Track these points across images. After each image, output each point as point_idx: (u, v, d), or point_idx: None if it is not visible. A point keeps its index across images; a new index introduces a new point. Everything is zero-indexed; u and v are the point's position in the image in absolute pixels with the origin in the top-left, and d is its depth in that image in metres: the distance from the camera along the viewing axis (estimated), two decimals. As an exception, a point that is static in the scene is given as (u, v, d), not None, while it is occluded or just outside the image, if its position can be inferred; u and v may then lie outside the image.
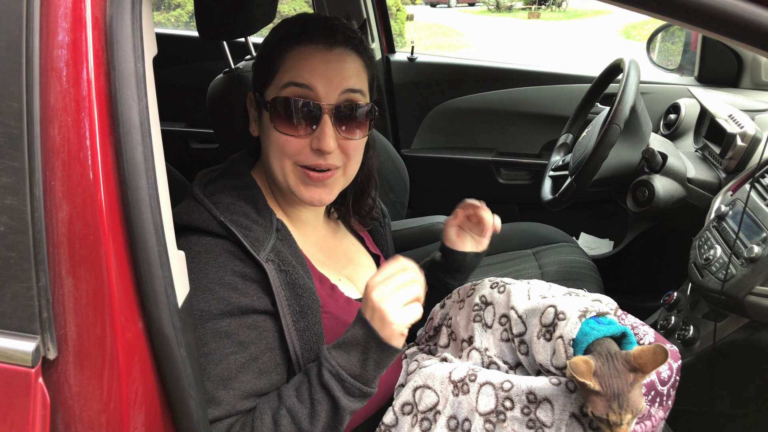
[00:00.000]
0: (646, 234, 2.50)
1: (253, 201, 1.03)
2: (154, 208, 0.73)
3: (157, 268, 0.73)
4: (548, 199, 1.95)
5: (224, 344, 0.92)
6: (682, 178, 1.77)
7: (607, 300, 1.18)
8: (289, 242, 1.03)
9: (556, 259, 2.03)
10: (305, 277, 1.00)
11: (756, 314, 1.37)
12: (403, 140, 2.74)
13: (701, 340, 1.55)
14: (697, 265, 1.56)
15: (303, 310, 0.98)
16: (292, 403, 0.93)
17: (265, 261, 0.95)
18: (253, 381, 0.94)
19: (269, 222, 1.02)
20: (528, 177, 2.63)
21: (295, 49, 1.01)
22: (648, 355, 0.91)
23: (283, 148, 1.01)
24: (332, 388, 0.92)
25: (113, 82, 0.70)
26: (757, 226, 1.43)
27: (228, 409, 0.91)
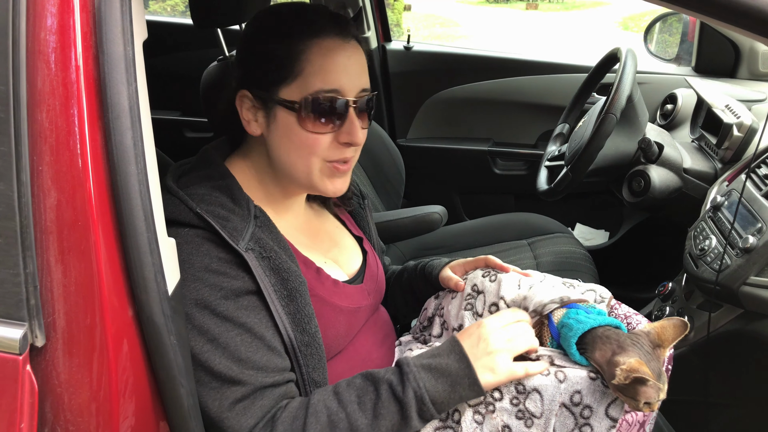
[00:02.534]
0: (642, 225, 2.50)
1: (228, 191, 1.02)
2: (144, 194, 0.72)
3: (146, 255, 0.73)
4: (544, 190, 1.95)
5: (227, 327, 0.91)
6: (678, 169, 1.76)
7: (601, 290, 1.18)
8: (270, 228, 1.02)
9: (552, 250, 2.03)
10: (289, 261, 1.00)
11: (750, 305, 1.37)
12: (399, 130, 2.73)
13: (695, 330, 1.55)
14: (692, 255, 1.56)
15: (291, 293, 0.98)
16: (353, 410, 0.92)
17: (245, 250, 0.94)
18: (266, 358, 0.94)
19: (246, 210, 1.01)
20: (524, 167, 2.63)
21: (314, 43, 0.98)
22: (669, 329, 0.92)
23: (312, 147, 1.00)
24: (410, 407, 0.92)
25: (102, 66, 0.69)
26: (753, 216, 1.43)
27: (253, 384, 0.91)
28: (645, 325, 1.02)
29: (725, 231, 1.48)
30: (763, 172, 1.52)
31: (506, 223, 2.20)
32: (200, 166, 1.06)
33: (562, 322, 1.04)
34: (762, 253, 1.34)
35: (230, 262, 0.94)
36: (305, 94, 0.97)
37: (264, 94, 1.01)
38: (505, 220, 2.21)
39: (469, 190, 2.76)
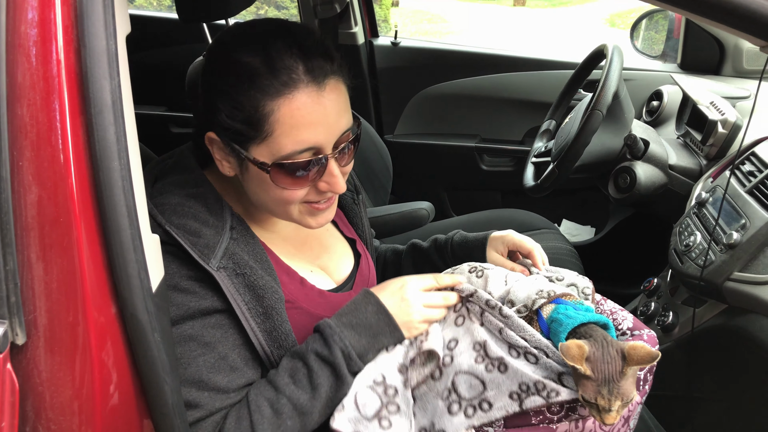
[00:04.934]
0: (627, 221, 2.52)
1: (203, 200, 0.97)
2: (127, 190, 0.71)
3: (130, 252, 0.72)
4: (530, 186, 1.95)
5: (190, 347, 0.90)
6: (664, 165, 1.77)
7: (584, 283, 1.19)
8: (246, 240, 0.98)
9: (538, 246, 2.03)
10: (266, 276, 0.96)
11: (734, 300, 1.38)
12: (386, 126, 2.72)
13: (680, 326, 1.56)
14: (678, 251, 1.57)
15: (266, 311, 0.95)
16: (291, 390, 0.92)
17: (216, 269, 0.91)
18: (227, 379, 0.92)
19: (222, 221, 0.97)
20: (511, 164, 2.63)
21: (283, 102, 0.88)
22: (642, 352, 0.91)
23: (288, 200, 0.97)
24: (340, 365, 0.93)
25: (84, 60, 0.68)
26: (737, 212, 1.44)
27: (208, 408, 0.90)
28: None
29: (710, 227, 1.49)
30: (747, 168, 1.54)
31: (493, 219, 2.20)
32: (176, 169, 1.02)
33: (551, 317, 1.04)
34: (746, 249, 1.35)
35: (200, 280, 0.92)
36: (277, 157, 0.91)
37: (234, 146, 0.93)
38: (492, 216, 2.22)
39: (456, 186, 2.76)
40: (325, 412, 0.95)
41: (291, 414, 0.91)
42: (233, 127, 0.91)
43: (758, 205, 1.39)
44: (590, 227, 2.72)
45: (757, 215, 1.37)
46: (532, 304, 1.08)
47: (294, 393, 0.92)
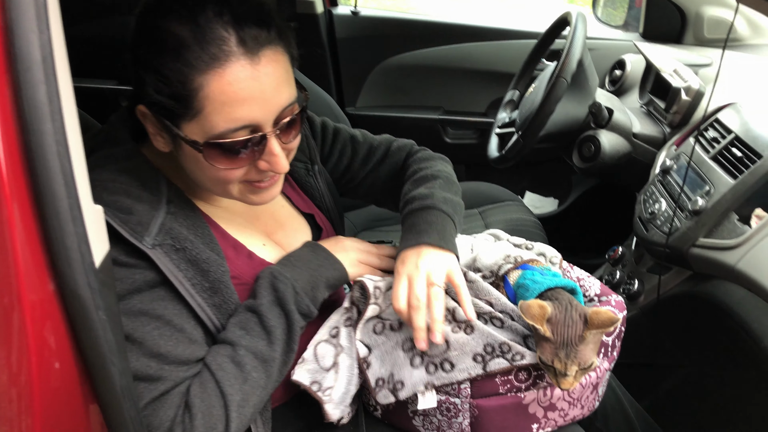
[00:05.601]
0: (590, 192, 2.53)
1: (136, 173, 0.90)
2: (63, 155, 0.65)
3: (68, 223, 0.65)
4: (495, 157, 1.92)
5: (142, 322, 0.84)
6: (628, 133, 1.76)
7: (551, 252, 1.17)
8: (186, 214, 0.92)
9: (503, 218, 2.02)
10: (207, 250, 0.91)
11: (699, 266, 1.38)
12: (348, 98, 2.65)
13: (645, 293, 1.56)
14: (642, 219, 1.57)
15: (213, 285, 0.90)
16: (247, 341, 0.90)
17: (151, 246, 0.85)
18: (188, 351, 0.88)
19: (157, 195, 0.90)
20: (474, 136, 2.60)
21: (213, 77, 0.80)
22: (603, 317, 0.89)
23: (224, 179, 0.90)
24: (288, 301, 0.93)
25: (7, 11, 0.61)
26: (701, 179, 1.43)
27: (173, 379, 0.85)
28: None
29: (674, 194, 1.49)
30: (710, 135, 1.53)
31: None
32: (107, 142, 0.94)
33: (518, 282, 1.02)
34: (710, 215, 1.34)
35: (140, 253, 0.86)
36: (209, 135, 0.84)
37: (165, 122, 0.85)
38: (457, 189, 2.19)
39: (419, 159, 2.68)
40: (286, 360, 0.94)
41: (254, 364, 0.89)
42: (161, 102, 0.83)
43: (722, 171, 1.39)
44: (553, 199, 2.71)
45: (721, 181, 1.37)
46: (498, 269, 1.05)
47: (251, 342, 0.90)
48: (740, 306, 1.22)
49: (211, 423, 0.85)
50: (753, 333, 1.16)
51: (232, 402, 0.86)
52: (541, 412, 1.00)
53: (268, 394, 0.92)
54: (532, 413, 1.00)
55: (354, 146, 1.26)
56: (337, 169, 1.27)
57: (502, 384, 0.98)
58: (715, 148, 1.47)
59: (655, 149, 1.76)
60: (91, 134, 0.98)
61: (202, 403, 0.85)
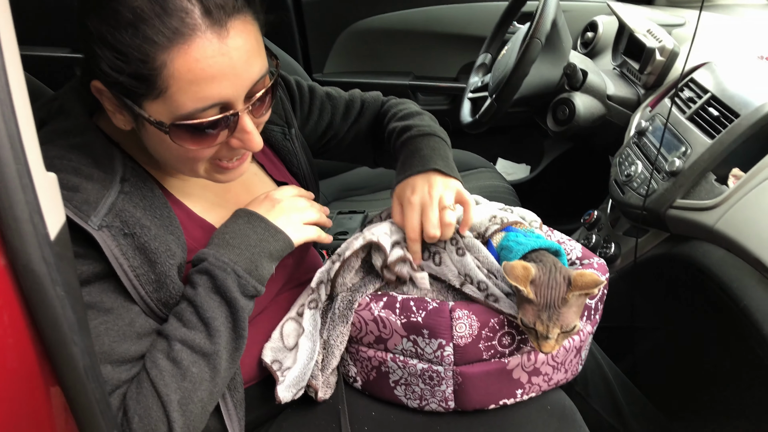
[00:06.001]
0: (562, 157, 2.51)
1: (88, 150, 0.82)
2: (8, 118, 0.58)
3: (17, 192, 0.59)
4: (468, 122, 1.88)
5: (89, 316, 0.77)
6: (602, 96, 1.74)
7: (531, 216, 1.14)
8: (142, 194, 0.84)
9: (476, 185, 1.99)
10: (163, 235, 0.83)
11: (676, 228, 1.37)
12: (315, 64, 2.57)
13: (622, 257, 1.55)
14: (618, 182, 1.55)
15: (159, 278, 0.82)
16: (183, 333, 0.82)
17: (97, 228, 0.77)
18: (134, 347, 0.81)
19: (110, 173, 0.82)
20: (446, 102, 2.56)
21: (177, 52, 0.73)
22: (587, 279, 0.87)
23: (193, 159, 0.83)
24: (229, 289, 0.84)
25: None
26: (678, 139, 1.42)
27: (113, 382, 0.79)
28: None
29: (651, 156, 1.47)
30: (686, 95, 1.51)
31: (429, 159, 2.13)
32: (59, 115, 0.86)
33: (501, 244, 0.99)
34: (688, 176, 1.33)
35: (88, 240, 0.78)
36: (176, 116, 0.77)
37: (126, 100, 0.78)
38: (429, 156, 2.15)
39: (390, 126, 2.63)
40: (236, 347, 0.86)
41: (192, 359, 0.81)
42: (120, 81, 0.75)
43: (699, 131, 1.37)
44: (525, 165, 2.69)
45: (698, 141, 1.35)
46: (485, 230, 1.02)
47: (186, 336, 0.82)
48: (719, 266, 1.21)
49: (151, 425, 0.78)
50: (732, 293, 1.15)
51: (170, 402, 0.79)
52: (525, 377, 0.98)
53: (221, 385, 0.85)
54: (516, 378, 0.98)
55: (332, 102, 1.22)
56: (318, 128, 1.22)
57: (485, 350, 0.95)
58: (691, 108, 1.45)
59: (630, 111, 1.74)
60: (42, 102, 0.90)
61: (138, 406, 0.78)
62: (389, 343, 0.98)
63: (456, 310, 0.93)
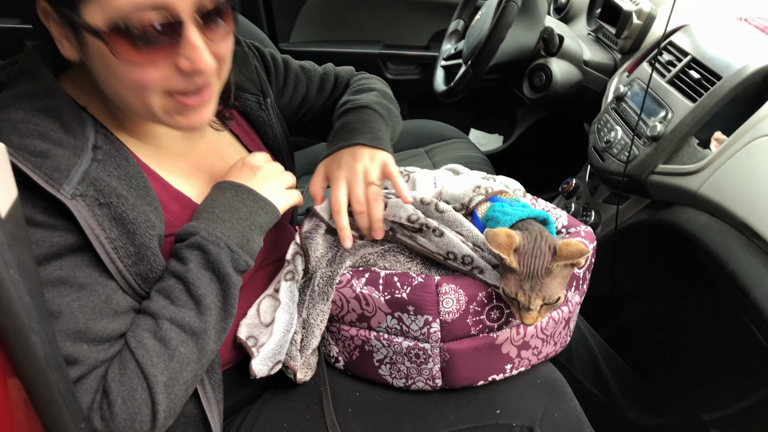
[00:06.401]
0: (536, 126, 2.48)
1: (55, 114, 0.76)
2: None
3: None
4: (442, 90, 1.83)
5: (61, 292, 0.71)
6: (579, 61, 1.70)
7: (515, 185, 1.10)
8: (117, 162, 0.79)
9: (450, 156, 1.95)
10: (141, 206, 0.78)
11: (658, 194, 1.34)
12: (281, 33, 2.48)
13: (603, 225, 1.53)
14: (598, 148, 1.52)
15: (139, 251, 0.77)
16: (171, 311, 0.77)
17: (70, 197, 0.71)
18: (111, 326, 0.75)
19: (81, 140, 0.76)
20: (417, 71, 2.49)
21: None
22: (572, 249, 0.83)
23: (140, 82, 0.74)
24: (221, 264, 0.80)
25: None
26: (658, 104, 1.39)
27: (90, 363, 0.72)
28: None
29: (631, 121, 1.44)
30: (665, 58, 1.48)
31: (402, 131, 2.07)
32: (23, 77, 0.79)
33: (487, 215, 0.95)
34: (670, 140, 1.30)
35: (60, 211, 0.72)
36: (111, 20, 0.69)
37: (63, 10, 0.71)
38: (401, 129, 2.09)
39: (359, 98, 2.56)
40: (224, 326, 0.82)
41: (181, 339, 0.76)
42: None
43: (680, 95, 1.34)
44: (498, 135, 2.66)
45: (680, 104, 1.32)
46: (470, 201, 0.97)
47: (176, 314, 0.77)
48: (703, 232, 1.19)
49: (134, 408, 0.72)
50: (718, 258, 1.13)
51: (157, 383, 0.74)
52: (515, 352, 0.95)
53: (205, 366, 0.80)
54: (506, 353, 0.94)
55: (307, 75, 1.19)
56: (294, 101, 1.17)
57: (474, 325, 0.91)
58: (671, 72, 1.42)
59: (606, 77, 1.71)
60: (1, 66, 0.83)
61: (122, 387, 0.72)
62: (373, 320, 0.93)
63: (442, 285, 0.89)
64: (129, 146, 0.85)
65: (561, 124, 2.33)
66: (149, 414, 0.73)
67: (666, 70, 1.45)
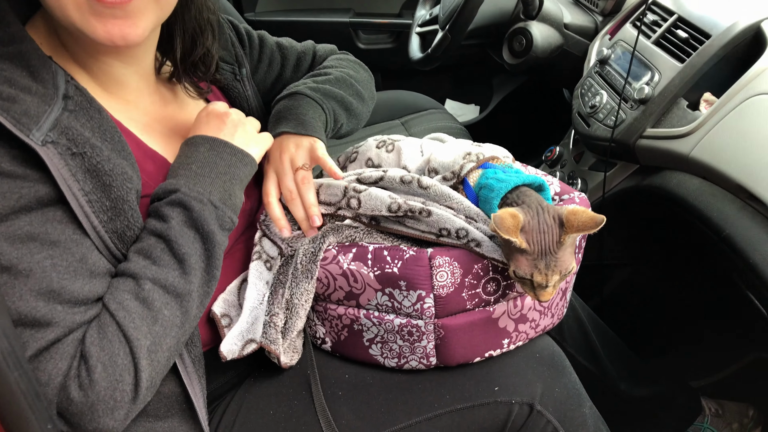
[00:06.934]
0: (513, 95, 2.43)
1: (23, 61, 0.71)
2: None
3: None
4: (418, 58, 1.76)
5: (31, 249, 0.64)
6: (559, 24, 1.64)
7: (503, 152, 1.05)
8: (90, 113, 0.74)
9: (427, 127, 1.89)
10: (117, 157, 0.72)
11: (647, 159, 1.31)
12: (246, 3, 2.37)
13: (589, 192, 1.49)
14: (582, 114, 1.47)
15: (116, 205, 0.72)
16: (154, 272, 0.71)
17: (41, 143, 0.66)
18: (88, 287, 0.68)
19: (51, 88, 0.71)
20: (389, 40, 2.41)
21: None
22: (584, 217, 0.78)
23: None
24: (206, 221, 0.75)
25: None
26: (645, 66, 1.34)
27: (66, 324, 0.66)
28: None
29: (616, 84, 1.40)
30: (650, 18, 1.44)
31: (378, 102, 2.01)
32: None
33: (479, 183, 0.89)
34: (658, 103, 1.26)
35: (30, 161, 0.66)
36: None
37: None
38: (376, 100, 2.02)
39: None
40: (207, 290, 0.76)
41: (164, 300, 0.71)
42: None
43: (667, 55, 1.30)
44: (474, 105, 2.60)
45: (667, 65, 1.28)
46: (460, 169, 0.91)
47: (158, 274, 0.71)
48: (696, 196, 1.15)
49: (116, 375, 0.67)
50: (712, 222, 1.10)
51: (140, 348, 0.68)
52: (512, 326, 0.90)
53: (187, 333, 0.75)
54: (503, 327, 0.89)
55: (283, 52, 1.13)
56: (267, 80, 1.12)
57: (469, 299, 0.86)
58: (656, 32, 1.38)
59: (587, 41, 1.66)
60: None
61: (102, 352, 0.67)
62: (362, 298, 0.88)
63: (436, 258, 0.83)
64: (100, 101, 0.78)
65: (539, 91, 2.28)
66: (131, 382, 0.68)
67: (651, 31, 1.40)
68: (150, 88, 0.90)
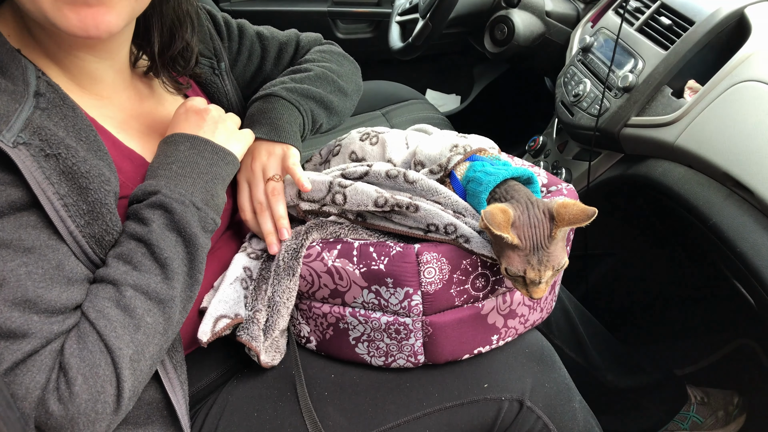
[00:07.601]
0: (494, 84, 2.41)
1: None
2: None
3: None
4: (399, 47, 1.73)
5: (4, 257, 0.61)
6: (541, 12, 1.63)
7: (489, 143, 1.02)
8: (63, 111, 0.70)
9: (409, 118, 1.86)
10: (93, 158, 0.69)
11: (631, 147, 1.29)
12: (221, -9, 2.32)
13: (574, 182, 1.48)
14: (566, 103, 1.46)
15: (93, 209, 0.68)
16: (135, 278, 0.69)
17: (12, 145, 0.63)
18: (66, 295, 0.65)
19: (21, 85, 0.68)
20: (369, 29, 2.38)
21: None
22: (575, 210, 0.76)
23: None
24: (188, 224, 0.72)
25: None
26: (628, 53, 1.33)
27: (43, 335, 0.63)
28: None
29: (600, 72, 1.38)
30: (632, 5, 1.42)
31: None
32: None
33: (467, 176, 0.87)
34: (642, 91, 1.25)
35: (0, 163, 0.63)
36: None
37: None
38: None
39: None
40: (190, 294, 0.74)
41: (146, 307, 0.68)
42: None
43: (651, 42, 1.29)
44: (455, 96, 2.58)
45: (651, 53, 1.27)
46: (448, 161, 0.89)
47: (139, 280, 0.69)
48: (681, 185, 1.14)
49: (97, 386, 0.64)
50: (698, 211, 1.09)
51: (122, 357, 0.66)
52: (501, 321, 0.88)
53: (170, 340, 0.72)
54: (492, 324, 0.88)
55: (263, 43, 1.08)
56: (247, 72, 1.08)
57: (458, 295, 0.84)
58: (639, 19, 1.36)
59: (569, 28, 1.65)
60: None
61: (82, 363, 0.64)
62: (347, 296, 0.85)
63: (423, 254, 0.81)
64: (74, 98, 0.74)
65: (521, 81, 2.27)
66: (113, 393, 0.65)
67: (634, 18, 1.39)
68: (125, 83, 0.86)
